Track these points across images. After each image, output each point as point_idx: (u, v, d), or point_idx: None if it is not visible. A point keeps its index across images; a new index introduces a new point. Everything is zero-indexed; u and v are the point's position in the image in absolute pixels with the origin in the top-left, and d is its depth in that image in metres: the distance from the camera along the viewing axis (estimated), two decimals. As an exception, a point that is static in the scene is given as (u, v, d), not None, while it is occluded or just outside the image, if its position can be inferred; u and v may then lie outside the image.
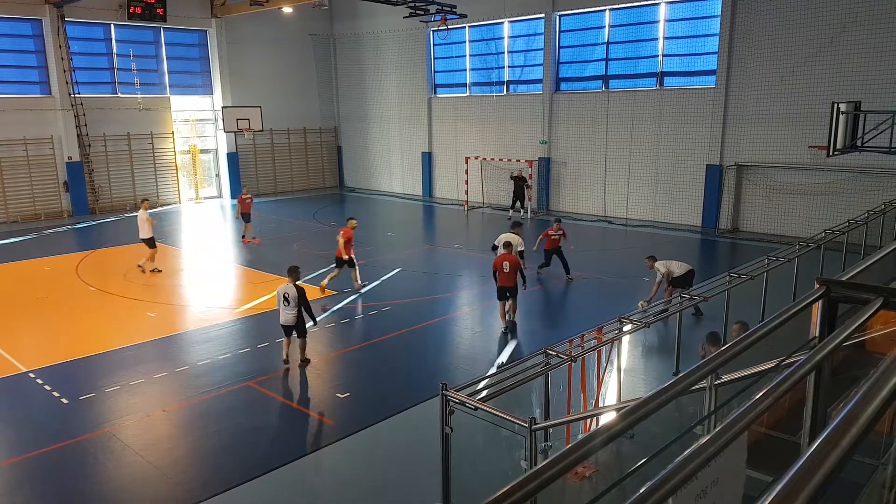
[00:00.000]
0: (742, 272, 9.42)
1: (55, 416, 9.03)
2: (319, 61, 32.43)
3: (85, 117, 25.32)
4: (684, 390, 2.31)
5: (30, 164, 24.40)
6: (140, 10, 25.14)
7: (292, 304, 10.29)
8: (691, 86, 21.72)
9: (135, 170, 27.10)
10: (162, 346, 11.72)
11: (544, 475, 1.83)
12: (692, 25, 21.61)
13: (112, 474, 7.62)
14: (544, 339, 10.71)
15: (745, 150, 20.59)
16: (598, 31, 23.74)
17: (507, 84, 26.69)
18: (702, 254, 19.50)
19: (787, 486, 1.28)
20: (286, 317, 10.39)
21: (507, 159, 25.84)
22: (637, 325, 7.54)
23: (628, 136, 23.16)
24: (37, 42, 24.65)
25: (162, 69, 27.89)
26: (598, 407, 7.99)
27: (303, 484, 7.48)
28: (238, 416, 9.07)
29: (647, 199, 23.08)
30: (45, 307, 13.94)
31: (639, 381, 9.94)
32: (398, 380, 10.16)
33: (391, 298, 14.35)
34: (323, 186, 33.17)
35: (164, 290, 15.53)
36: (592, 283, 15.52)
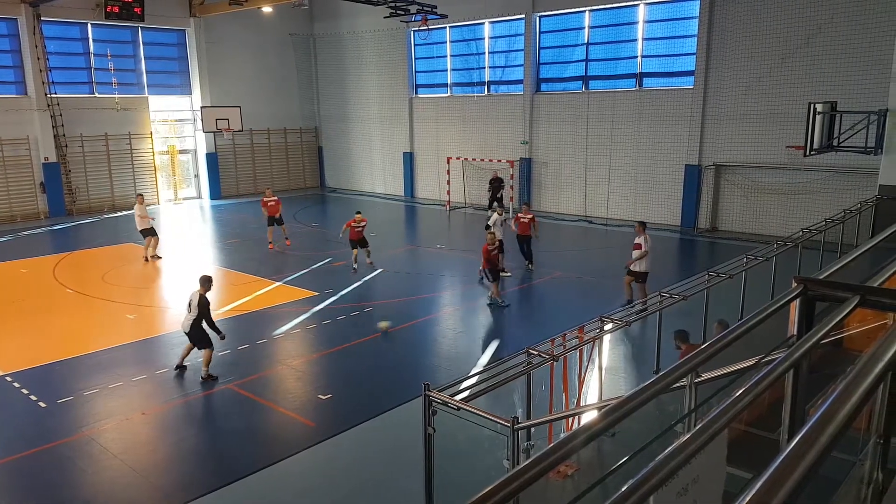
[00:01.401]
0: (721, 271, 9.51)
1: (33, 420, 8.90)
2: (300, 61, 32.26)
3: (62, 118, 24.97)
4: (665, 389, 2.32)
5: (6, 164, 24.01)
6: (117, 9, 24.79)
7: (192, 311, 10.06)
8: (670, 86, 21.91)
9: (112, 171, 26.76)
10: (141, 348, 11.59)
11: (527, 474, 1.84)
12: (671, 27, 21.80)
13: (91, 478, 7.53)
14: (526, 339, 10.74)
15: (724, 150, 20.81)
16: (578, 32, 23.86)
17: (487, 84, 26.73)
18: (681, 253, 19.69)
19: (767, 482, 1.29)
20: (185, 323, 10.14)
21: (488, 159, 25.87)
22: (618, 325, 7.60)
23: (608, 136, 23.31)
24: (12, 41, 24.26)
25: (140, 69, 27.57)
26: (580, 406, 8.03)
27: (285, 487, 7.43)
28: (218, 418, 9.01)
29: (626, 198, 23.25)
30: (22, 310, 13.72)
31: (620, 379, 10.01)
32: (380, 381, 10.13)
33: (373, 299, 14.32)
34: (304, 187, 32.99)
35: (143, 292, 15.36)
36: (573, 282, 15.60)
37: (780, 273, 10.75)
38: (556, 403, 7.68)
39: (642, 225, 13.68)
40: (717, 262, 15.05)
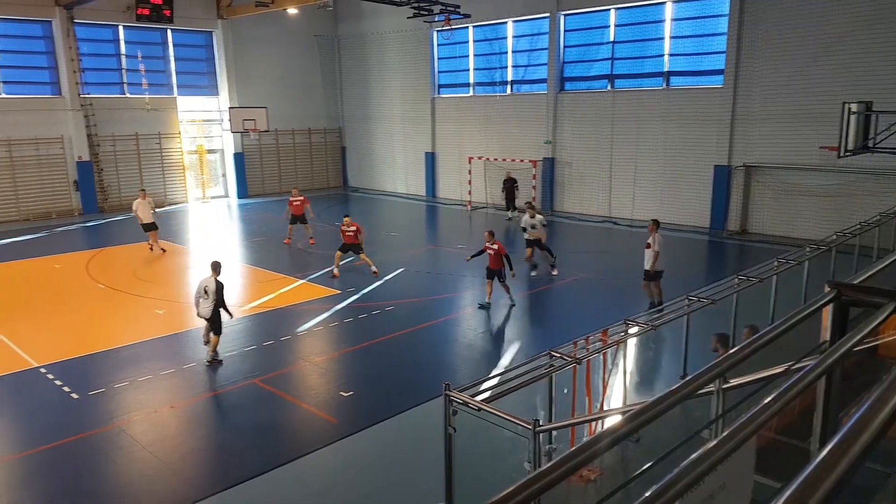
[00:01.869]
0: (751, 275, 9.36)
1: (65, 411, 9.10)
2: (324, 62, 32.48)
3: (94, 117, 25.46)
4: (691, 394, 2.28)
5: (41, 163, 24.56)
6: (148, 11, 25.24)
7: (210, 297, 10.42)
8: (698, 85, 21.62)
9: (143, 169, 27.21)
10: (169, 343, 11.78)
11: (548, 477, 1.81)
12: (699, 24, 21.51)
13: (121, 469, 7.68)
14: (548, 341, 10.67)
15: (754, 150, 20.47)
16: (604, 30, 23.66)
17: (510, 84, 26.64)
18: (709, 256, 19.42)
19: (795, 492, 1.25)
20: (203, 310, 10.50)
21: (510, 159, 25.78)
22: (643, 328, 7.50)
23: (634, 136, 23.07)
24: (47, 43, 24.79)
25: (169, 70, 27.99)
26: (604, 410, 7.95)
27: (306, 482, 7.49)
28: (243, 413, 9.11)
29: (653, 199, 22.98)
30: (56, 304, 14.02)
31: (645, 384, 9.89)
32: (401, 379, 10.15)
33: (394, 298, 14.34)
34: (327, 186, 33.22)
35: (171, 287, 15.59)
36: (597, 284, 15.46)
37: (813, 277, 10.54)
38: (578, 407, 7.62)
39: (656, 224, 13.48)
40: (746, 265, 14.82)
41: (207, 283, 10.52)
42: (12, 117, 23.67)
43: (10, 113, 23.65)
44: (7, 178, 23.89)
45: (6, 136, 23.63)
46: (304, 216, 19.57)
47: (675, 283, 14.86)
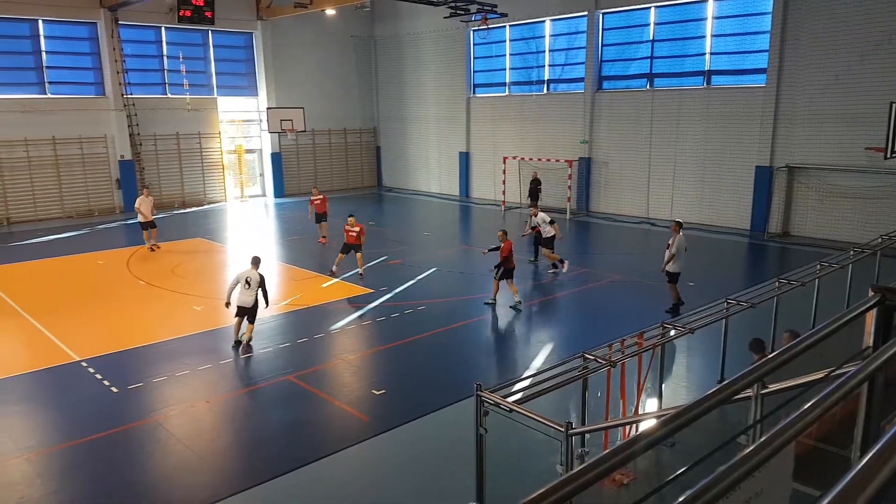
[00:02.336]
0: (792, 278, 9.15)
1: (105, 404, 9.32)
2: (360, 62, 32.74)
3: (136, 117, 26.06)
4: (729, 398, 2.24)
5: (84, 162, 25.23)
6: (189, 13, 25.74)
7: (253, 287, 11.24)
8: (740, 84, 21.21)
9: (183, 168, 27.77)
10: (206, 339, 11.98)
11: (581, 479, 1.80)
12: (741, 23, 21.11)
13: (158, 462, 7.84)
14: (581, 343, 10.59)
15: (797, 151, 19.99)
16: (643, 28, 23.38)
17: (547, 83, 26.49)
18: (749, 258, 19.04)
19: (834, 500, 1.22)
20: (245, 299, 11.23)
21: (545, 159, 25.64)
22: (681, 332, 7.39)
23: (673, 136, 22.74)
24: (92, 44, 25.46)
25: (209, 71, 28.51)
26: (638, 414, 7.85)
27: (337, 479, 7.54)
28: (277, 409, 9.22)
29: (692, 200, 22.62)
30: (98, 300, 14.38)
31: (681, 388, 9.74)
32: (433, 378, 10.17)
33: (426, 298, 14.38)
34: (361, 186, 33.48)
35: (209, 284, 15.87)
36: (633, 286, 15.28)
37: (857, 281, 10.27)
38: (612, 410, 7.54)
39: (678, 225, 13.27)
40: (788, 268, 14.51)
41: (250, 275, 11.31)
42: (58, 116, 24.36)
43: (56, 112, 24.34)
44: (52, 176, 24.60)
45: (52, 135, 24.32)
46: (325, 214, 20.02)
47: (714, 286, 14.62)
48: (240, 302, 11.31)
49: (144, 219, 18.88)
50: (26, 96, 23.91)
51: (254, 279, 11.30)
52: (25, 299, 14.22)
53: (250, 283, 11.28)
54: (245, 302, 11.27)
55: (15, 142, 23.61)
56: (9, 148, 23.55)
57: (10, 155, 23.67)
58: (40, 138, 24.11)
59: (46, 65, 24.47)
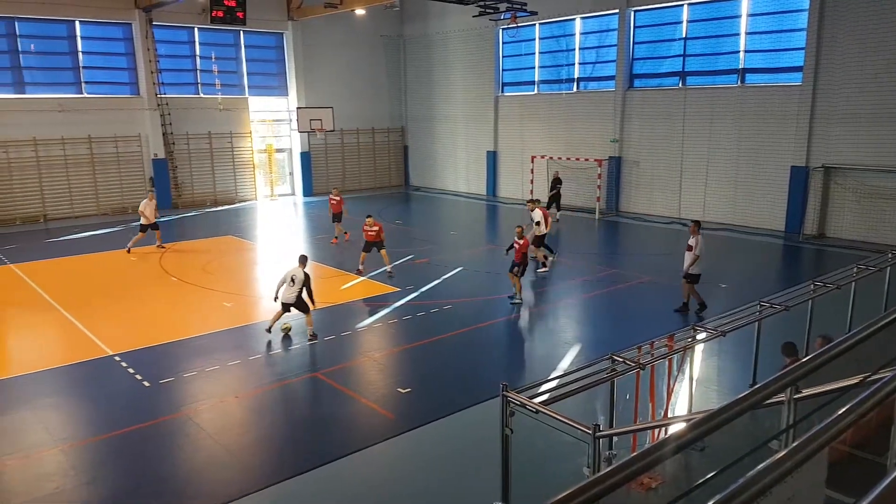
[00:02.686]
0: (827, 281, 8.95)
1: (137, 398, 9.48)
2: (389, 62, 32.86)
3: (170, 116, 26.50)
4: (760, 402, 2.19)
5: (119, 160, 25.73)
6: (222, 13, 26.04)
7: (297, 285, 11.60)
8: (775, 83, 20.81)
9: (215, 167, 28.16)
10: (236, 335, 12.13)
11: (608, 481, 1.78)
12: (777, 20, 20.71)
13: (188, 455, 7.96)
14: (610, 345, 10.49)
15: (834, 150, 19.55)
16: (676, 26, 23.09)
17: (577, 81, 26.30)
18: (784, 260, 18.68)
19: (871, 509, 1.18)
20: (288, 295, 11.65)
21: (574, 158, 25.45)
22: (712, 334, 7.27)
23: (706, 135, 22.41)
24: (127, 45, 25.95)
25: (241, 71, 28.86)
26: (668, 417, 7.75)
27: (364, 476, 7.58)
28: (305, 405, 9.31)
29: (725, 201, 22.27)
30: (130, 295, 14.65)
31: (712, 392, 9.59)
32: (459, 378, 10.15)
33: (453, 297, 14.37)
34: (389, 185, 33.62)
35: (239, 282, 16.07)
36: (663, 288, 15.08)
37: (894, 285, 10.01)
38: (641, 414, 7.45)
39: (697, 225, 13.30)
40: (823, 271, 14.21)
41: (295, 272, 11.70)
42: (94, 116, 24.88)
43: (91, 112, 24.86)
44: (88, 174, 25.12)
45: (88, 134, 24.84)
46: (340, 215, 20.06)
47: (747, 288, 14.37)
48: (284, 298, 11.73)
49: (147, 221, 18.85)
50: (63, 96, 24.44)
51: (298, 277, 11.65)
52: (61, 294, 14.55)
53: (294, 281, 11.64)
54: (288, 298, 11.65)
55: (52, 141, 24.17)
56: (46, 147, 24.11)
57: (48, 153, 24.23)
58: (77, 137, 24.64)
59: (83, 65, 24.99)
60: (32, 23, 23.75)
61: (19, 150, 23.65)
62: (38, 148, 23.92)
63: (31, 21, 23.70)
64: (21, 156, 23.75)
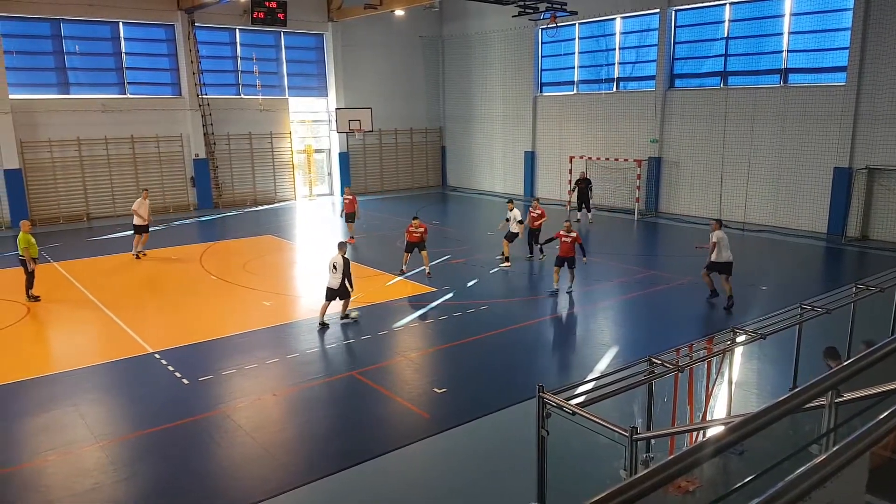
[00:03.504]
0: (870, 283, 8.73)
1: (177, 395, 9.67)
2: (428, 62, 32.97)
3: (211, 117, 27.01)
4: (800, 406, 2.17)
5: (161, 160, 26.32)
6: (263, 15, 26.49)
7: (339, 270, 12.18)
8: (819, 83, 20.34)
9: (255, 168, 28.62)
10: (275, 333, 12.32)
11: (645, 484, 1.79)
12: (821, 19, 20.23)
13: (225, 452, 8.09)
14: (648, 347, 10.38)
15: (879, 151, 19.03)
16: (717, 26, 22.71)
17: (616, 81, 26.05)
18: (826, 262, 18.24)
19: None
20: (333, 281, 12.25)
21: (613, 158, 25.22)
22: (752, 336, 7.16)
23: (748, 135, 22.00)
24: (169, 46, 26.53)
25: (281, 72, 29.27)
26: (706, 420, 7.64)
27: (399, 475, 7.63)
28: (341, 404, 9.40)
29: (767, 202, 21.84)
30: (172, 294, 15.00)
31: (751, 394, 9.43)
32: (495, 379, 10.16)
33: (489, 297, 14.37)
34: (427, 185, 33.73)
35: (278, 281, 16.32)
36: (703, 289, 14.85)
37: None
38: (679, 416, 7.37)
39: (719, 223, 13.69)
40: (866, 273, 13.83)
41: (336, 259, 12.32)
42: (137, 116, 25.51)
43: (135, 112, 25.49)
44: (130, 173, 25.74)
45: (130, 134, 25.45)
46: (354, 214, 20.18)
47: (789, 290, 14.08)
48: (329, 284, 12.36)
49: (142, 222, 18.06)
50: (107, 96, 25.07)
51: (339, 264, 12.21)
52: (103, 292, 14.91)
53: (336, 268, 12.22)
54: (332, 284, 12.29)
55: (96, 140, 24.82)
56: (90, 146, 24.77)
57: (92, 153, 24.86)
58: (120, 137, 25.25)
59: (126, 66, 25.59)
60: (77, 24, 24.39)
61: (63, 149, 24.32)
62: (81, 148, 24.57)
63: (76, 22, 24.34)
64: (65, 155, 24.40)
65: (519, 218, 17.18)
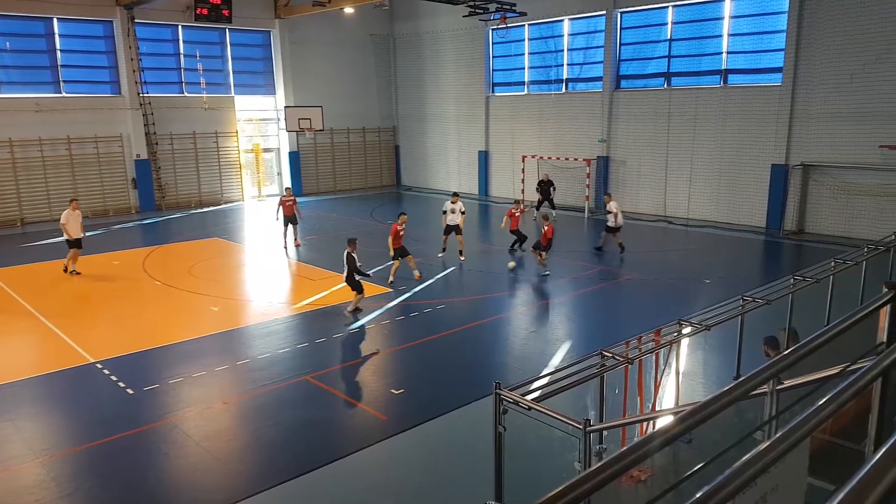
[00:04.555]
0: (807, 275, 9.10)
1: (121, 406, 9.33)
2: (379, 61, 32.83)
3: (153, 116, 26.27)
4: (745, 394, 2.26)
5: (100, 161, 25.45)
6: (206, 11, 25.88)
7: (344, 267, 12.98)
8: (757, 83, 21.09)
9: (200, 168, 27.98)
10: (223, 339, 12.05)
11: (599, 476, 1.83)
12: (758, 22, 21.00)
13: (174, 463, 7.88)
14: (599, 341, 10.59)
15: (812, 149, 19.86)
16: (661, 28, 23.29)
17: (565, 82, 26.45)
18: (765, 255, 18.93)
19: (849, 494, 1.25)
20: (344, 276, 13.13)
21: (564, 158, 25.61)
22: (697, 328, 7.38)
23: (691, 134, 22.65)
24: (108, 43, 25.67)
25: (227, 69, 28.70)
26: (655, 410, 7.85)
27: (356, 478, 7.59)
28: (295, 409, 9.27)
29: (709, 198, 22.53)
30: (113, 301, 14.52)
31: (698, 384, 9.73)
32: (452, 378, 10.20)
33: (445, 297, 14.42)
34: (381, 185, 33.58)
35: (226, 285, 16.00)
36: (650, 284, 15.24)
37: (870, 278, 10.18)
38: (630, 407, 7.55)
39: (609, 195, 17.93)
40: (803, 265, 14.42)
41: (345, 255, 13.02)
42: (73, 116, 24.54)
43: (71, 112, 24.52)
44: (67, 175, 24.79)
45: (67, 135, 24.52)
46: (295, 217, 19.57)
47: (731, 283, 14.55)
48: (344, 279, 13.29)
49: (69, 236, 16.18)
50: (41, 95, 24.09)
51: (345, 260, 12.96)
52: (40, 300, 14.31)
53: (344, 264, 12.97)
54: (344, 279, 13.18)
55: (29, 141, 23.81)
56: (23, 148, 23.74)
57: (25, 155, 23.84)
58: (55, 138, 24.31)
59: (61, 64, 24.65)
60: (8, 20, 23.36)
61: (-5, 151, 23.22)
62: (14, 149, 23.53)
63: (7, 18, 23.31)
64: (-4, 157, 23.29)
65: (462, 209, 17.67)
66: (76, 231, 16.31)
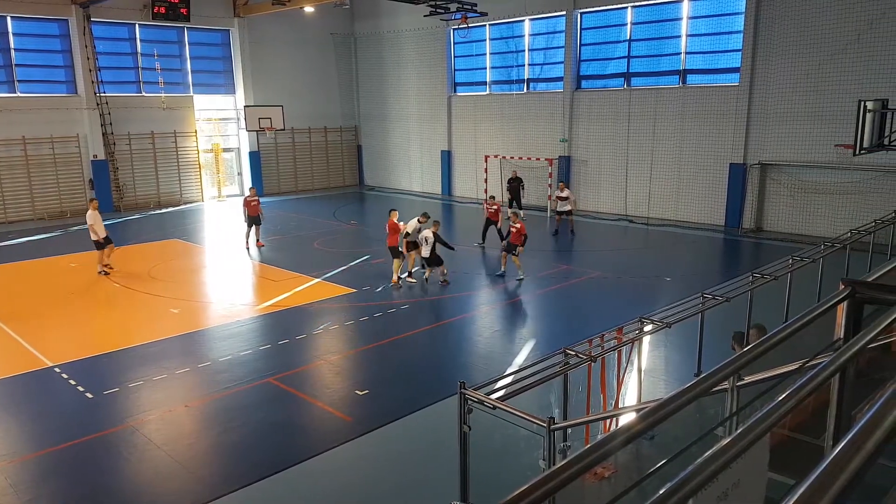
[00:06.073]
0: (765, 272, 9.31)
1: (79, 410, 9.15)
2: (340, 60, 32.60)
3: (110, 116, 25.68)
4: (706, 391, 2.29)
5: (56, 162, 24.80)
6: (164, 9, 25.41)
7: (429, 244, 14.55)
8: (715, 83, 21.51)
9: (158, 168, 27.43)
10: (184, 342, 11.85)
11: (563, 474, 1.83)
12: (715, 23, 21.41)
13: (135, 468, 7.72)
14: (563, 339, 10.67)
15: (770, 148, 20.33)
16: (620, 28, 23.59)
17: (527, 82, 26.62)
18: (724, 253, 19.32)
19: (809, 488, 1.26)
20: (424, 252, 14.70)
21: (526, 157, 25.77)
22: (658, 326, 7.49)
23: (650, 134, 22.99)
24: (63, 42, 25.05)
25: (185, 68, 28.19)
26: (618, 408, 7.94)
27: (321, 480, 7.53)
28: (258, 412, 9.15)
29: (669, 198, 22.90)
30: (71, 303, 14.16)
31: (660, 381, 9.87)
32: (417, 378, 10.18)
33: (409, 297, 14.39)
34: (343, 185, 33.36)
35: (186, 286, 15.72)
36: (612, 282, 15.42)
37: (828, 275, 10.47)
38: (593, 405, 7.61)
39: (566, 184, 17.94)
40: (761, 263, 14.74)
41: (427, 234, 14.29)
42: (28, 116, 23.94)
43: (25, 112, 23.92)
44: (22, 176, 24.15)
45: (22, 135, 23.87)
46: (259, 217, 19.25)
47: (691, 281, 14.80)
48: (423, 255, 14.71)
49: (96, 237, 16.12)
50: (-4, 95, 23.43)
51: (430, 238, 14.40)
52: (-2, 302, 13.93)
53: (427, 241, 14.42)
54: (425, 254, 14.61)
55: (-15, 142, 23.15)
56: (-21, 148, 23.07)
57: (-20, 156, 23.18)
58: (9, 138, 23.66)
59: (15, 63, 24.00)
60: (-39, 19, 22.71)
61: (-52, 152, 22.55)
62: (-32, 150, 22.88)
63: (-40, 17, 22.66)
64: (-51, 158, 22.64)
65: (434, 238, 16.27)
66: (103, 230, 16.20)
